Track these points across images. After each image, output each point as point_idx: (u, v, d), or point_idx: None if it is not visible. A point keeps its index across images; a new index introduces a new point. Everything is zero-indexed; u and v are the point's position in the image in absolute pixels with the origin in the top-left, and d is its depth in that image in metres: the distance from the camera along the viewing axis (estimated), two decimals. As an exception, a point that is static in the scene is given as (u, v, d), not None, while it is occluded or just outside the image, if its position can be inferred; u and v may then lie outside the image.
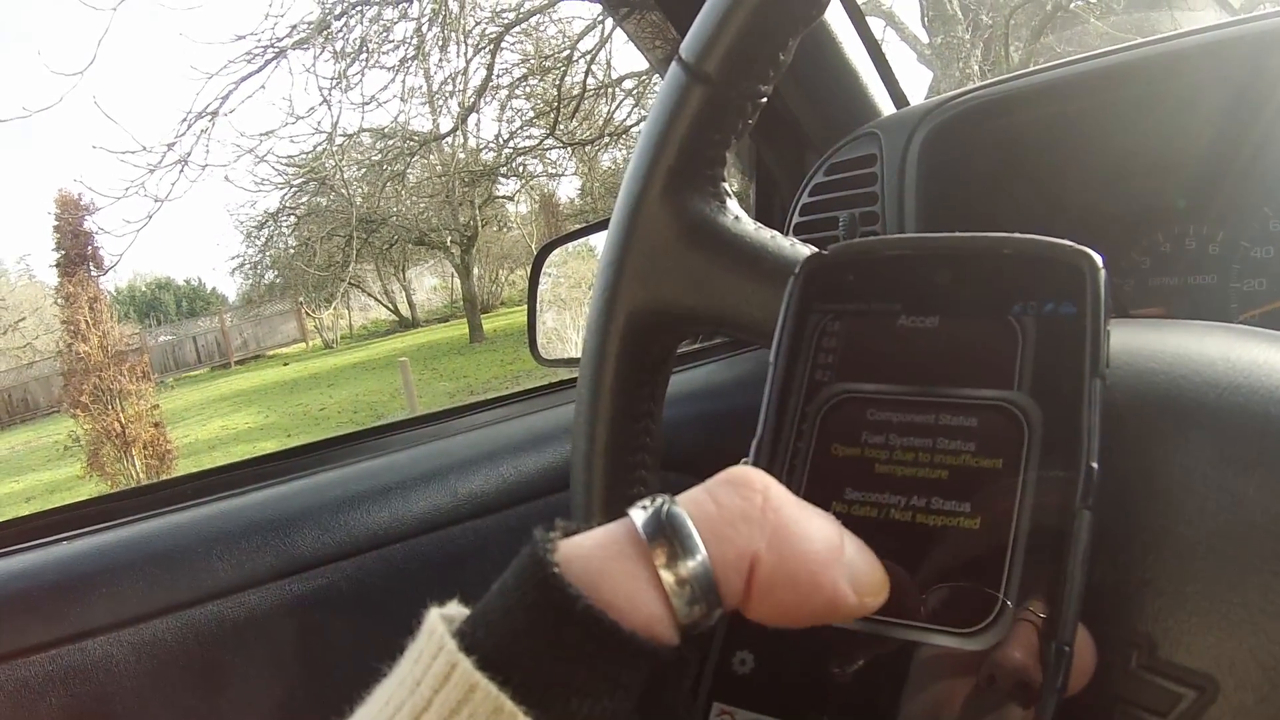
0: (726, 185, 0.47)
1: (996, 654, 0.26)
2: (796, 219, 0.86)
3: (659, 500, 0.26)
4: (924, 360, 0.32)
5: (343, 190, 12.97)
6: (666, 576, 0.25)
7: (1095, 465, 0.27)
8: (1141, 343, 0.34)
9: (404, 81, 12.28)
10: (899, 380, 0.32)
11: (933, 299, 0.32)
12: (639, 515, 0.26)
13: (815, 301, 0.34)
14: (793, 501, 0.27)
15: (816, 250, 0.36)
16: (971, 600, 0.27)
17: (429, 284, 19.35)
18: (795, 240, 0.45)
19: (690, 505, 0.26)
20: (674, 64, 0.45)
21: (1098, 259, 0.30)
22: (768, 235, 0.45)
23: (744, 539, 0.26)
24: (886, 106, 0.92)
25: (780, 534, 0.26)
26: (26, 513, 0.87)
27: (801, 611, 0.26)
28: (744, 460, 0.32)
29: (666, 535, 0.25)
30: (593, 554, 0.26)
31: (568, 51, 9.53)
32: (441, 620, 0.25)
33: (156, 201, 8.32)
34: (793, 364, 0.34)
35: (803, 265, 0.35)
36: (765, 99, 0.45)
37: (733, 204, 0.46)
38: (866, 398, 0.32)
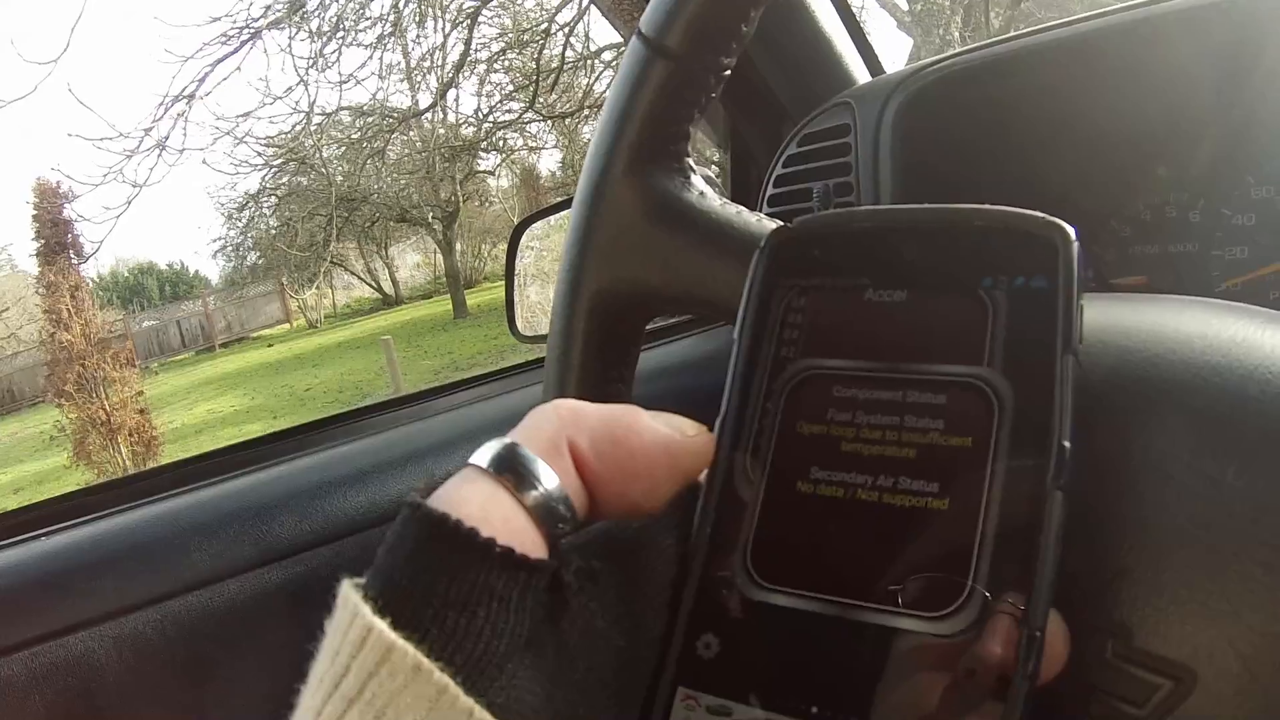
0: (691, 161, 0.46)
1: (977, 647, 0.25)
2: (771, 190, 0.85)
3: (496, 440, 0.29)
4: (892, 335, 0.31)
5: (322, 169, 12.88)
6: (519, 493, 0.27)
7: (1068, 444, 0.26)
8: (1116, 318, 0.33)
9: (381, 58, 12.18)
10: (866, 356, 0.31)
11: (901, 273, 0.31)
12: (483, 454, 0.28)
13: (780, 276, 0.33)
14: None
15: (782, 224, 0.35)
16: (939, 582, 0.27)
17: (412, 261, 19.18)
18: (762, 215, 0.44)
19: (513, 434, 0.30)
20: (634, 38, 0.44)
21: (1070, 231, 0.29)
22: (733, 210, 0.44)
23: (552, 426, 0.29)
24: (862, 75, 0.91)
25: (576, 408, 0.30)
26: (15, 505, 0.86)
27: (638, 461, 0.29)
28: None
29: (507, 461, 0.28)
30: (449, 485, 0.28)
31: (545, 24, 9.45)
32: (353, 588, 0.26)
33: (135, 187, 8.27)
34: (758, 340, 0.33)
35: (767, 239, 0.34)
36: (729, 71, 0.44)
37: (698, 180, 0.45)
38: (833, 374, 0.31)
